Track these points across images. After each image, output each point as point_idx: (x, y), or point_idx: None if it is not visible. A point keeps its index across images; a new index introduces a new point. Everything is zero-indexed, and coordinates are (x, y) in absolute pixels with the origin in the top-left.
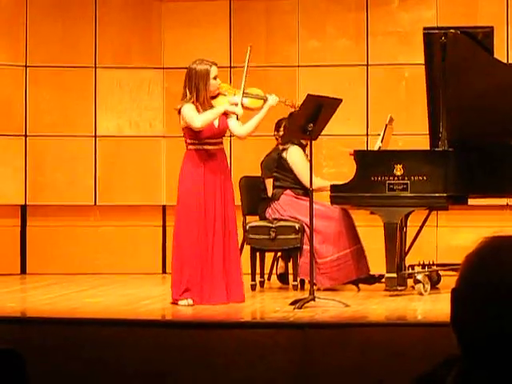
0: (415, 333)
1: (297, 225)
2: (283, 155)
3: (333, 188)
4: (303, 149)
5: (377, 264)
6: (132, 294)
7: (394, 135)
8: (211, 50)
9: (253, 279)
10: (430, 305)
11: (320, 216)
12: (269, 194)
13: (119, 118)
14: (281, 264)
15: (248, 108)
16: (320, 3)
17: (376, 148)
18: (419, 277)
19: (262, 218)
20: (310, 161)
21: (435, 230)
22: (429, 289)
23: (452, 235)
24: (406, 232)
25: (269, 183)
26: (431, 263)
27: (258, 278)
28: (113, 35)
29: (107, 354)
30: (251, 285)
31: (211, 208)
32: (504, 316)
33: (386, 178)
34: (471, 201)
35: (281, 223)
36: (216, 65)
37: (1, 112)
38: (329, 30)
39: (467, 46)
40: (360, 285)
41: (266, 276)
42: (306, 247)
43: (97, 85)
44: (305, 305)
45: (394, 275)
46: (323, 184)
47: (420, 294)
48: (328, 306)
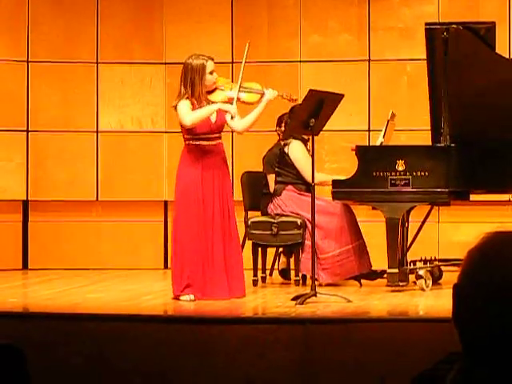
0: (417, 328)
1: (299, 220)
2: (285, 150)
3: (335, 183)
4: (305, 144)
5: (379, 259)
6: (133, 290)
7: (396, 130)
8: (213, 45)
9: (255, 274)
10: (432, 300)
11: (322, 211)
12: (271, 190)
13: (121, 114)
14: (282, 259)
15: (245, 102)
16: None
17: (378, 143)
18: (421, 272)
19: (264, 214)
20: (312, 156)
21: (437, 226)
22: (430, 284)
23: (454, 231)
24: (408, 227)
25: (271, 179)
26: (433, 259)
27: (260, 274)
28: (115, 30)
29: (108, 350)
30: (253, 280)
31: (210, 203)
32: (506, 314)
33: (388, 174)
34: (473, 196)
35: (283, 219)
36: (212, 59)
37: (3, 107)
38: (331, 25)
39: (469, 42)
40: (362, 280)
41: (268, 271)
42: (308, 243)
43: (99, 80)
44: (306, 300)
45: (396, 271)
46: (325, 178)
47: (422, 290)
48: (330, 302)
